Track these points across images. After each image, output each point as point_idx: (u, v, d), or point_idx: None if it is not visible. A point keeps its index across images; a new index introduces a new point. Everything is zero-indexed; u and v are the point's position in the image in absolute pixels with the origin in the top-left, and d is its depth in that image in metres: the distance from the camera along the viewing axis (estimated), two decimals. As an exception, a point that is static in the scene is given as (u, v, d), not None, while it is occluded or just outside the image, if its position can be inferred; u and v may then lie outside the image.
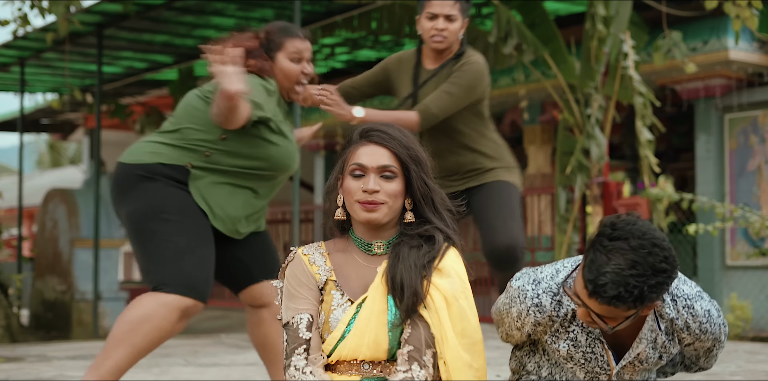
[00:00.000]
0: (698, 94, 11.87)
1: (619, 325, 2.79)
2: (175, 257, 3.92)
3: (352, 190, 2.99)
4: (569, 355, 2.99)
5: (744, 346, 9.21)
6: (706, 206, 9.64)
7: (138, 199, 3.99)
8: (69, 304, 11.87)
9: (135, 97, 17.55)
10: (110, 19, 11.42)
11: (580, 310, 2.81)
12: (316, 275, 3.05)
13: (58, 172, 30.82)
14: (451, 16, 4.29)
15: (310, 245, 3.14)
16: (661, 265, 2.74)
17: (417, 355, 2.90)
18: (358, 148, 3.03)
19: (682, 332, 2.99)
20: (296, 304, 3.01)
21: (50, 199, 12.60)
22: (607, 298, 2.66)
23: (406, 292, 2.92)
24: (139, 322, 3.85)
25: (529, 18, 10.67)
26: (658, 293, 2.73)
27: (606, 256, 2.69)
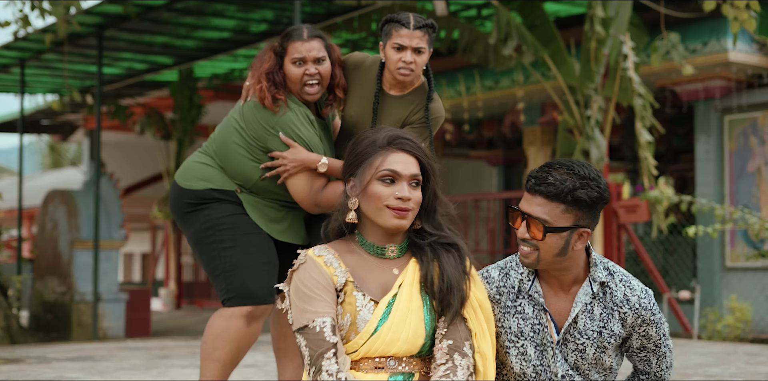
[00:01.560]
0: (698, 95, 11.87)
1: (544, 236, 3.01)
2: (230, 272, 4.12)
3: (383, 196, 3.02)
4: (519, 329, 3.12)
5: (744, 347, 9.20)
6: (705, 208, 9.64)
7: (193, 224, 4.22)
8: (69, 305, 11.86)
9: (135, 98, 17.56)
10: (110, 20, 11.42)
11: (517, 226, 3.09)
12: (334, 277, 3.03)
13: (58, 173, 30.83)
14: (420, 49, 4.10)
15: (319, 247, 3.12)
16: (591, 174, 3.03)
17: (457, 346, 2.97)
18: (389, 155, 3.06)
19: (622, 306, 3.11)
20: (315, 307, 2.97)
21: (50, 200, 12.59)
22: (545, 185, 3.00)
23: (456, 294, 3.00)
24: (215, 339, 4.11)
25: (529, 19, 10.67)
26: (587, 192, 2.99)
27: (549, 166, 3.07)
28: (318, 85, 4.15)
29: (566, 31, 12.02)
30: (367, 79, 4.29)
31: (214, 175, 4.20)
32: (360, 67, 4.33)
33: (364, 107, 4.26)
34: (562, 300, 3.15)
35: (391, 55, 4.13)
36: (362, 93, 4.28)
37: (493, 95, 13.69)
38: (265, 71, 4.13)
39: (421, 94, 4.26)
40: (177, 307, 18.46)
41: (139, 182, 21.17)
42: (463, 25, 10.81)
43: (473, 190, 18.63)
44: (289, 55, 4.14)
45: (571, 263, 3.11)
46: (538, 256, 3.07)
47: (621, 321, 3.12)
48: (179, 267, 18.55)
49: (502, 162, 17.13)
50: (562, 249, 3.05)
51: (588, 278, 3.14)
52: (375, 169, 3.04)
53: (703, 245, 11.80)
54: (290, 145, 4.05)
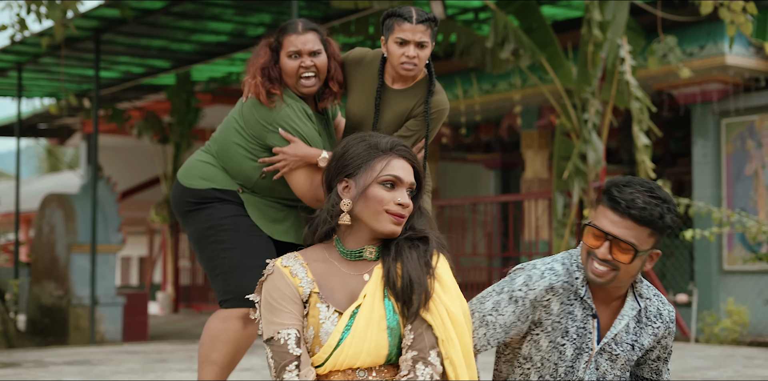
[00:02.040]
0: (695, 98, 11.88)
1: (632, 260, 3.00)
2: (228, 273, 4.12)
3: (385, 200, 3.00)
4: (566, 329, 3.11)
5: (741, 351, 9.21)
6: (702, 211, 9.64)
7: (194, 223, 4.22)
8: (66, 309, 11.85)
9: (132, 101, 17.56)
10: (108, 24, 11.43)
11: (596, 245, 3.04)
12: (299, 288, 3.00)
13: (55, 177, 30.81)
14: (423, 43, 4.06)
15: (287, 256, 3.09)
16: (669, 197, 3.05)
17: (421, 357, 2.92)
18: (392, 160, 3.04)
19: (656, 321, 3.17)
20: (281, 318, 2.96)
21: (47, 204, 12.59)
22: (637, 209, 2.97)
23: (415, 290, 2.94)
24: (212, 342, 4.11)
25: (526, 23, 10.68)
26: (672, 217, 3.03)
27: (628, 186, 3.04)
28: (314, 78, 4.12)
29: (563, 34, 12.03)
30: (369, 74, 4.26)
31: (216, 175, 4.20)
32: (361, 63, 4.29)
33: (366, 103, 4.22)
34: (603, 313, 3.17)
35: (393, 49, 4.09)
36: (364, 89, 4.25)
37: (490, 99, 13.69)
38: (260, 66, 4.12)
39: (424, 87, 4.22)
40: (174, 310, 18.44)
41: (137, 186, 21.16)
42: (460, 28, 10.82)
43: (470, 194, 18.63)
44: (284, 48, 4.12)
45: (627, 283, 3.14)
46: (614, 277, 3.06)
47: (653, 336, 3.18)
48: (176, 271, 18.53)
49: (500, 165, 17.13)
50: (639, 270, 3.08)
51: (634, 293, 3.18)
52: (377, 173, 3.01)
53: (701, 248, 11.80)
54: (290, 140, 4.03)
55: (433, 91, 4.20)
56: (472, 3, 11.97)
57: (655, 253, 3.10)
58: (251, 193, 4.18)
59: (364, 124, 4.20)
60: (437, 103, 4.22)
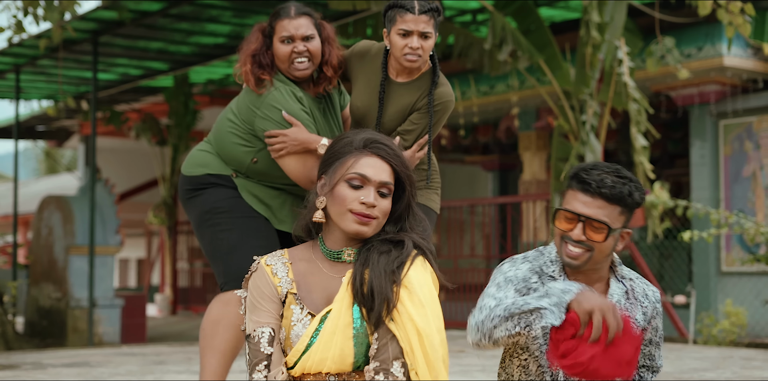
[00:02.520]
0: (693, 100, 11.89)
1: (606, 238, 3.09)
2: (227, 254, 4.09)
3: (348, 199, 2.93)
4: None
5: (740, 352, 9.21)
6: (700, 213, 9.65)
7: (194, 210, 4.23)
8: (64, 311, 11.85)
9: (130, 103, 17.55)
10: (106, 26, 11.43)
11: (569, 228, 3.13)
12: (278, 288, 2.99)
13: (53, 179, 30.81)
14: (426, 34, 4.00)
15: (273, 254, 3.07)
16: (634, 176, 3.17)
17: (383, 368, 2.86)
18: (361, 158, 2.97)
19: (644, 301, 3.27)
20: (258, 316, 2.97)
21: (45, 206, 12.59)
22: (607, 188, 3.09)
23: (376, 299, 2.88)
24: (213, 326, 4.06)
25: (524, 25, 10.68)
26: (640, 194, 3.13)
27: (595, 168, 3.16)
28: (308, 62, 4.08)
29: (561, 36, 12.04)
30: (373, 67, 4.19)
31: (211, 161, 4.21)
32: (366, 56, 4.24)
33: (370, 97, 4.16)
34: None
35: (396, 41, 4.03)
36: (368, 83, 4.19)
37: (488, 100, 13.70)
38: (250, 53, 4.10)
39: (428, 79, 4.16)
40: (173, 312, 18.44)
41: (135, 188, 21.16)
42: (458, 30, 10.82)
43: (468, 195, 18.64)
44: (277, 33, 4.09)
45: (606, 263, 3.24)
46: (589, 257, 3.15)
47: (643, 315, 3.26)
48: (175, 273, 18.53)
49: (498, 167, 17.14)
50: (612, 249, 3.18)
51: (616, 276, 3.28)
52: (345, 171, 2.95)
53: (699, 250, 11.81)
54: (293, 124, 3.99)
55: (437, 83, 4.14)
56: (470, 4, 11.98)
57: (626, 232, 3.20)
58: (245, 178, 4.16)
59: (367, 118, 4.15)
60: (441, 95, 4.15)
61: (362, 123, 4.16)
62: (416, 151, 4.12)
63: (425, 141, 4.12)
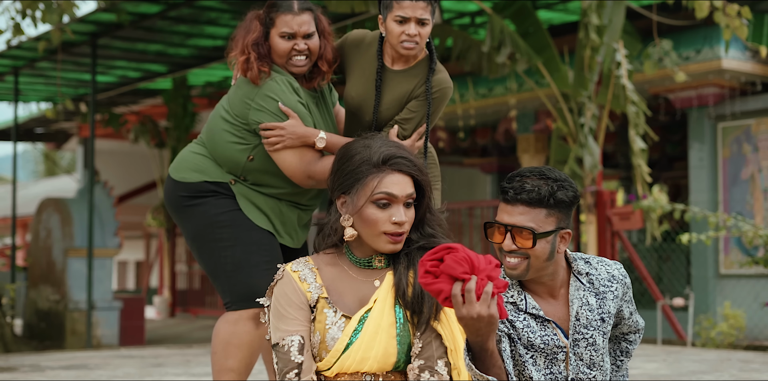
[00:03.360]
0: (691, 102, 11.89)
1: (534, 243, 3.00)
2: (232, 272, 3.95)
3: (380, 221, 2.94)
4: (530, 342, 3.09)
5: (738, 354, 9.21)
6: (698, 216, 9.65)
7: (190, 220, 4.06)
8: (62, 313, 11.85)
9: (129, 106, 17.55)
10: (104, 28, 11.43)
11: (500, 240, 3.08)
12: (307, 293, 2.98)
13: (52, 181, 30.79)
14: (423, 20, 3.90)
15: (298, 261, 3.07)
16: (562, 176, 3.08)
17: (428, 365, 2.91)
18: (385, 177, 2.95)
19: (611, 284, 3.20)
20: (286, 325, 2.95)
21: (44, 208, 12.58)
22: (525, 193, 3.01)
23: (426, 303, 2.92)
24: (224, 348, 3.94)
25: (522, 27, 10.69)
26: (565, 193, 3.05)
27: (519, 175, 3.08)
28: (306, 59, 3.99)
29: (559, 38, 12.05)
30: (368, 56, 4.11)
31: (209, 167, 4.06)
32: (360, 45, 4.15)
33: (365, 86, 4.07)
34: (557, 305, 3.17)
35: (393, 28, 3.93)
36: (363, 71, 4.10)
37: (486, 103, 13.70)
38: (251, 42, 3.97)
39: (425, 66, 4.08)
40: (171, 315, 18.43)
41: (133, 190, 21.16)
42: (456, 32, 10.83)
43: (467, 198, 18.63)
44: (277, 27, 3.97)
45: (557, 267, 3.14)
46: (528, 265, 3.06)
47: (614, 299, 3.19)
48: (173, 275, 18.53)
49: (496, 169, 17.14)
50: (550, 253, 3.07)
51: (573, 274, 3.19)
52: (371, 192, 2.94)
53: (697, 252, 11.80)
54: (289, 116, 3.88)
55: (434, 70, 4.06)
56: (469, 7, 11.99)
57: (566, 233, 3.11)
58: (243, 184, 4.02)
59: (363, 108, 4.07)
60: (439, 82, 4.08)
61: (358, 113, 4.08)
62: (416, 141, 4.04)
63: (424, 130, 4.05)
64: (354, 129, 4.08)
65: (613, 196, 10.65)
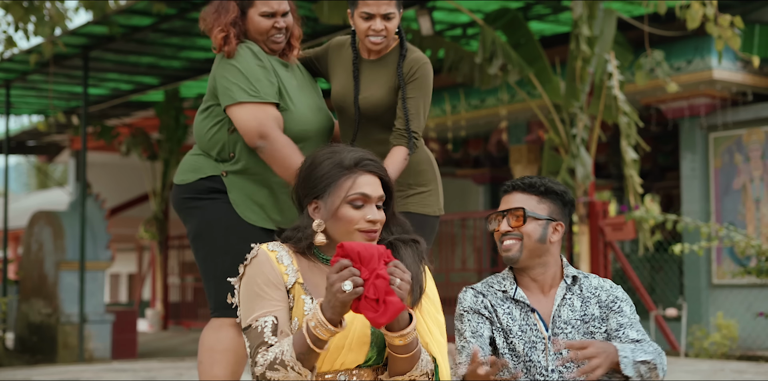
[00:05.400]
0: (683, 113, 11.92)
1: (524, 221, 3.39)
2: (219, 280, 3.99)
3: (354, 219, 2.98)
4: (508, 328, 3.39)
5: (731, 365, 9.21)
6: (690, 226, 9.66)
7: (189, 223, 4.16)
8: (54, 327, 11.80)
9: (121, 118, 17.54)
10: (96, 41, 11.42)
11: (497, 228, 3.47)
12: (284, 275, 2.99)
13: (44, 194, 30.74)
14: (389, 15, 3.98)
15: (274, 243, 3.08)
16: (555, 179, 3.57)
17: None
18: (358, 177, 3.01)
19: (598, 292, 3.46)
20: (261, 305, 2.93)
21: (36, 221, 12.55)
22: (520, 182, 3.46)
23: (414, 285, 3.00)
24: (209, 354, 3.99)
25: (514, 38, 10.71)
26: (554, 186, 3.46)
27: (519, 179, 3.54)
28: (283, 36, 4.13)
29: (551, 49, 12.07)
30: (347, 54, 4.21)
31: (202, 163, 4.15)
32: (342, 48, 4.25)
33: (347, 78, 4.16)
34: (544, 300, 3.45)
35: (359, 24, 4.02)
36: (345, 68, 4.19)
37: (478, 114, 13.71)
38: (230, 21, 4.09)
39: (398, 53, 4.15)
40: (164, 327, 18.38)
41: (125, 203, 21.12)
42: (448, 44, 10.84)
43: (460, 209, 18.63)
44: (256, 7, 4.09)
45: (549, 258, 3.46)
46: (521, 246, 3.41)
47: (598, 304, 3.43)
48: (166, 287, 18.48)
49: (489, 180, 17.14)
50: (541, 236, 3.41)
51: (563, 277, 3.48)
52: (345, 193, 2.99)
53: (690, 263, 11.81)
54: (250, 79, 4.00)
55: (404, 56, 4.12)
56: (460, 18, 12.01)
57: (559, 225, 3.46)
58: (235, 175, 4.08)
59: (346, 100, 4.15)
60: (415, 61, 4.12)
61: (344, 107, 4.17)
62: None
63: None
64: (343, 123, 4.23)
65: (606, 207, 10.65)
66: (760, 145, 11.50)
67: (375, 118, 4.16)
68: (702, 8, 8.74)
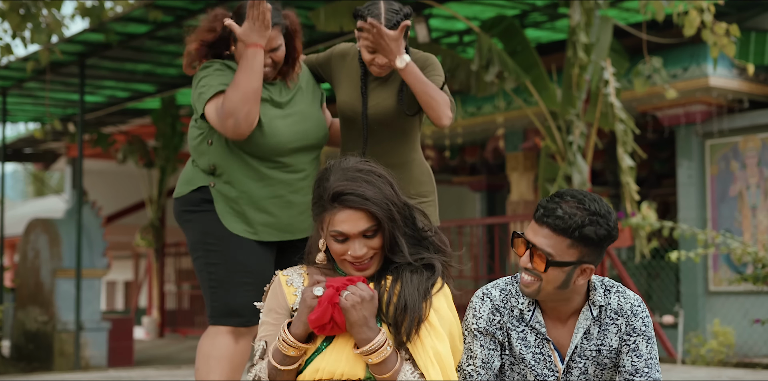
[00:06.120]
0: (679, 120, 11.92)
1: (546, 269, 2.97)
2: (214, 289, 4.05)
3: (338, 252, 3.02)
4: (521, 355, 3.08)
5: (728, 372, 9.20)
6: (687, 233, 9.66)
7: (187, 233, 4.19)
8: (51, 334, 11.77)
9: (117, 126, 17.53)
10: (92, 48, 11.42)
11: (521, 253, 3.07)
12: (292, 297, 3.07)
13: (40, 201, 30.69)
14: None
15: (293, 267, 3.18)
16: (602, 210, 2.98)
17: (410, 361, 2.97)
18: (335, 214, 2.98)
19: (617, 318, 3.10)
20: (264, 328, 3.11)
21: (32, 228, 12.53)
22: (553, 217, 2.96)
23: (409, 314, 2.95)
24: (206, 361, 4.00)
25: (510, 46, 10.72)
26: (595, 230, 2.95)
27: (560, 197, 3.04)
28: (272, 69, 4.08)
29: (548, 57, 12.08)
30: (354, 65, 4.20)
31: (193, 175, 4.17)
32: (346, 57, 4.24)
33: (355, 91, 4.16)
34: (563, 330, 3.13)
35: (363, 52, 4.03)
36: (351, 79, 4.18)
37: (475, 121, 13.72)
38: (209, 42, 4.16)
39: None
40: (160, 335, 18.36)
41: (122, 210, 21.11)
42: (445, 51, 10.85)
43: (456, 216, 18.63)
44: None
45: (572, 295, 3.09)
46: (539, 287, 3.04)
47: (617, 334, 3.10)
48: (162, 295, 18.46)
49: (485, 188, 17.14)
50: (563, 282, 3.02)
51: (588, 303, 3.12)
52: (326, 228, 3.02)
53: (686, 270, 11.81)
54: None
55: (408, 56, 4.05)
56: (457, 26, 12.02)
57: (588, 268, 3.03)
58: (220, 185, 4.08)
59: (355, 111, 4.14)
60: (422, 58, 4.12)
61: (351, 118, 4.16)
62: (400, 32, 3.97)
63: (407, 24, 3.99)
64: (350, 133, 4.21)
65: (602, 214, 10.63)
66: (756, 152, 11.51)
67: (386, 124, 4.14)
68: (699, 15, 8.75)
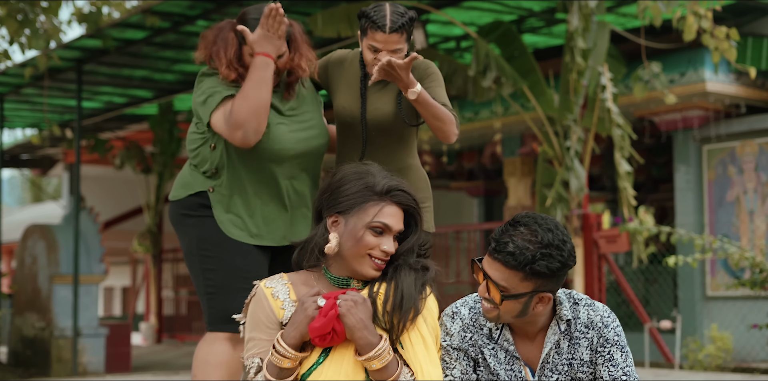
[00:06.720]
0: (676, 125, 11.94)
1: (501, 301, 2.96)
2: (212, 295, 4.03)
3: (370, 245, 3.03)
4: (496, 371, 3.08)
5: (725, 377, 9.20)
6: (684, 238, 9.66)
7: (183, 238, 4.16)
8: (48, 340, 11.76)
9: (115, 132, 17.53)
10: (90, 54, 11.43)
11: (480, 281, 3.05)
12: (280, 311, 3.05)
13: (38, 207, 30.67)
14: (396, 50, 3.97)
15: (272, 277, 3.15)
16: (555, 240, 2.93)
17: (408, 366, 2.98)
18: (385, 206, 3.06)
19: (588, 331, 3.07)
20: (253, 343, 3.08)
21: (29, 234, 12.52)
22: (503, 254, 2.91)
23: (405, 304, 3.00)
24: (203, 368, 4.00)
25: (507, 51, 10.73)
26: (547, 264, 2.91)
27: (514, 227, 2.97)
28: (275, 76, 4.08)
29: (545, 62, 12.09)
30: (352, 71, 4.21)
31: (191, 178, 4.15)
32: (343, 63, 4.25)
33: (354, 96, 4.16)
34: (531, 346, 3.14)
35: (366, 53, 4.04)
36: (349, 85, 4.19)
37: (472, 127, 13.73)
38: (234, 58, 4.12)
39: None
40: (158, 341, 18.33)
41: (119, 216, 21.09)
42: (442, 57, 10.86)
43: (454, 222, 18.63)
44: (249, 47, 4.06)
45: (536, 318, 3.08)
46: (498, 315, 3.04)
47: (588, 347, 3.08)
48: (160, 301, 18.44)
49: (483, 193, 17.14)
50: (521, 312, 3.01)
51: (555, 318, 3.10)
52: (370, 218, 3.04)
53: (684, 275, 11.81)
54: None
55: None
56: (454, 31, 12.03)
57: (545, 296, 3.00)
58: (219, 190, 4.07)
59: (354, 117, 4.13)
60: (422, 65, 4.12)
61: (350, 123, 4.14)
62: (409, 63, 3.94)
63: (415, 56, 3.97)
64: (348, 139, 4.18)
65: (599, 219, 10.65)
66: (753, 157, 11.52)
67: (384, 130, 4.13)
68: (697, 21, 8.76)
